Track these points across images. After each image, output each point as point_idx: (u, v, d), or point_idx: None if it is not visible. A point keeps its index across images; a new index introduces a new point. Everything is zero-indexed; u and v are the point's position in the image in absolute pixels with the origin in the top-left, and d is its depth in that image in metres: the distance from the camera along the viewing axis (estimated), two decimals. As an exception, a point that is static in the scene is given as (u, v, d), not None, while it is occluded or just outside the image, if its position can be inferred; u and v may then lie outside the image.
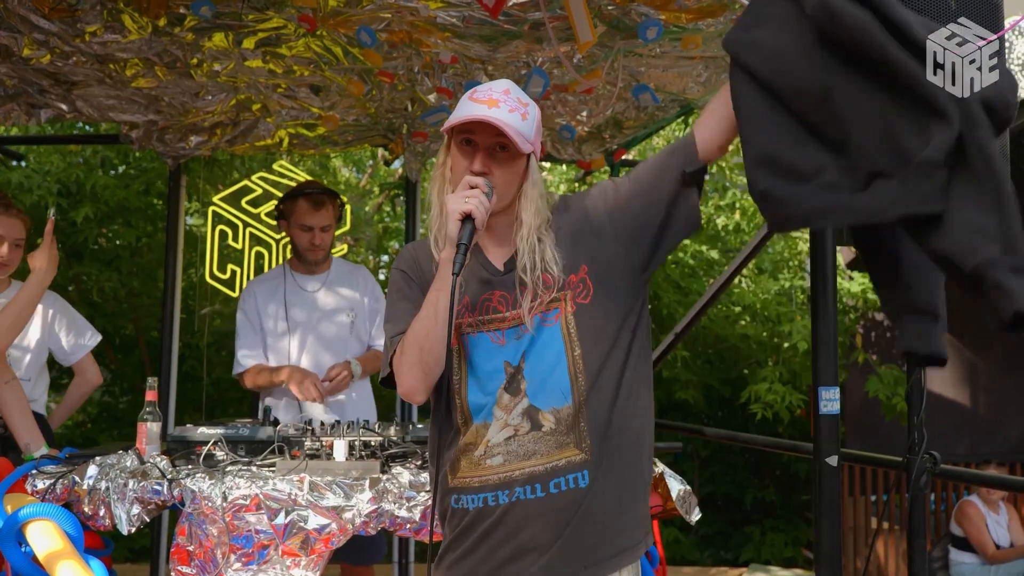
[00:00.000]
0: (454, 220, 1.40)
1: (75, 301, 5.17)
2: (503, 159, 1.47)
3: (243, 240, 4.00)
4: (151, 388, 2.19)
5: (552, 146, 3.98)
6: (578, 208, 1.56)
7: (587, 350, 1.46)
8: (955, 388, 5.98)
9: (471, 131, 1.46)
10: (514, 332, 1.48)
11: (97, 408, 6.26)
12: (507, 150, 1.47)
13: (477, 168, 1.46)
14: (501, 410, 1.46)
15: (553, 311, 1.48)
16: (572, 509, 1.43)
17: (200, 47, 2.96)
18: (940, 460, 2.05)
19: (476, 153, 1.47)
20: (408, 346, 1.45)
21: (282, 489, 1.98)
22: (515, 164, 1.49)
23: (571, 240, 1.52)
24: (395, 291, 1.58)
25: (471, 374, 1.49)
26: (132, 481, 1.99)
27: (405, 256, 1.61)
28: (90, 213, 4.80)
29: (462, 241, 1.39)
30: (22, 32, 2.80)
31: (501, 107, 1.45)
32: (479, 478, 1.47)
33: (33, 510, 1.68)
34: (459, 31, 2.82)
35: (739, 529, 6.29)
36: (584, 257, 1.50)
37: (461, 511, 1.50)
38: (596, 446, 1.45)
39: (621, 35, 2.81)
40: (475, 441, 1.48)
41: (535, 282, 1.47)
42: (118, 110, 3.45)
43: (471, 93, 1.49)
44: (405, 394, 1.47)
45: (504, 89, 1.49)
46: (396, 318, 1.53)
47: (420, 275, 1.56)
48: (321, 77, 3.23)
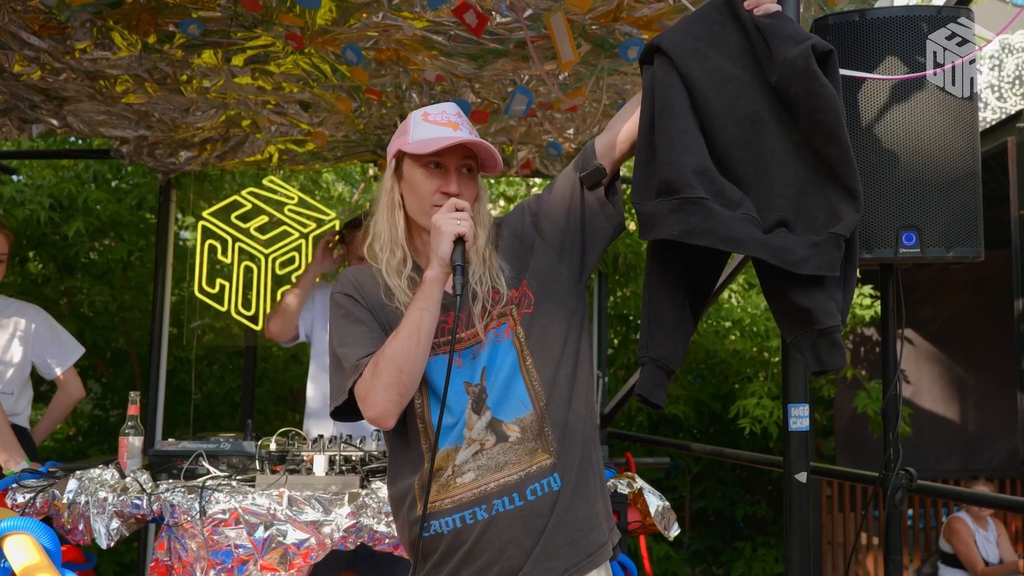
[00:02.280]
0: (448, 241, 1.40)
1: (66, 315, 5.20)
2: (467, 180, 1.51)
3: (232, 255, 4.02)
4: (133, 402, 2.20)
5: (540, 163, 4.02)
6: (508, 226, 1.59)
7: (538, 358, 1.48)
8: (945, 404, 5.99)
9: (440, 153, 1.48)
10: (470, 352, 1.49)
11: (88, 421, 6.24)
12: (471, 171, 1.51)
13: (454, 190, 1.48)
14: (468, 430, 1.46)
15: (503, 326, 1.50)
16: (548, 514, 1.43)
17: (189, 64, 2.99)
18: (916, 476, 2.06)
19: (447, 175, 1.49)
20: (384, 367, 1.39)
21: (261, 504, 1.99)
22: (475, 184, 1.54)
23: (509, 256, 1.54)
24: (342, 315, 1.52)
25: (432, 396, 1.48)
26: (112, 495, 2.00)
27: (345, 281, 1.56)
28: (82, 227, 4.81)
29: (458, 263, 1.40)
30: (13, 48, 2.82)
31: (462, 129, 1.50)
32: (451, 499, 1.44)
33: (10, 524, 1.68)
34: (446, 49, 2.85)
35: (730, 545, 6.27)
36: (523, 271, 1.53)
37: (435, 537, 1.46)
38: (560, 448, 1.46)
39: (605, 54, 2.85)
40: (444, 465, 1.46)
41: (485, 296, 1.48)
42: (109, 125, 3.48)
43: (423, 116, 1.51)
44: (374, 418, 1.43)
45: (456, 112, 1.54)
46: (353, 342, 1.47)
47: (366, 299, 1.53)
48: (310, 94, 3.26)
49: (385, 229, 1.53)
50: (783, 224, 1.37)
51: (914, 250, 1.91)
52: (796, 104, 1.35)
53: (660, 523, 2.17)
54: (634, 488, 2.20)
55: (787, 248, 1.34)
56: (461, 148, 1.48)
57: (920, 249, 1.91)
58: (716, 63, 1.41)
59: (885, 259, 1.94)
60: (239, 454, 2.21)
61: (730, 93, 1.39)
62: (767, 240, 1.35)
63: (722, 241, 1.35)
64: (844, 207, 1.34)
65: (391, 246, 1.52)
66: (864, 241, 1.93)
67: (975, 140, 1.95)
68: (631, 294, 5.36)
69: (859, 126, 1.92)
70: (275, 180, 4.10)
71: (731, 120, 1.40)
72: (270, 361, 5.75)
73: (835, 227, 1.34)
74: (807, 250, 1.34)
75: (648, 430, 6.14)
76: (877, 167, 1.90)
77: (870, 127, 1.92)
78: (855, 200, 1.35)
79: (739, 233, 1.34)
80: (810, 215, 1.36)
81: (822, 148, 1.35)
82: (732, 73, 1.40)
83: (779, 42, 1.36)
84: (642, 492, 2.18)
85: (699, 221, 1.35)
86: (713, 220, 1.34)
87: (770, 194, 1.37)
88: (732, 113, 1.40)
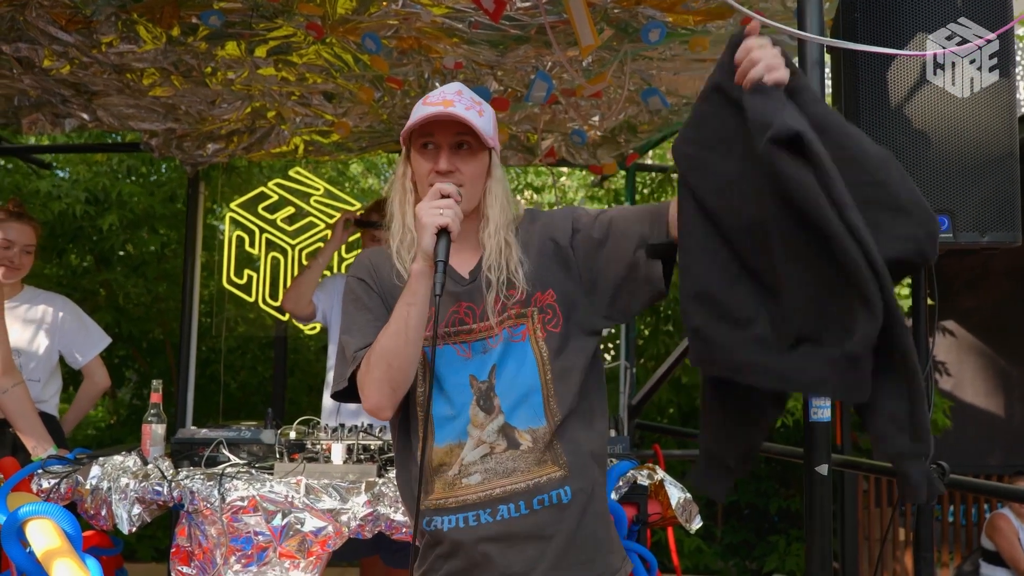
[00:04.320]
0: (430, 234, 1.34)
1: (103, 306, 5.31)
2: (466, 156, 1.44)
3: (259, 246, 4.06)
4: (156, 390, 2.23)
5: (566, 151, 3.97)
6: (546, 227, 1.52)
7: (559, 383, 1.43)
8: (988, 398, 5.82)
9: (430, 133, 1.42)
10: (480, 345, 1.45)
11: (127, 410, 6.38)
12: (468, 148, 1.44)
13: (443, 166, 1.41)
14: (476, 428, 1.43)
15: (520, 326, 1.45)
16: (555, 525, 1.40)
17: (214, 56, 3.01)
18: (948, 470, 1.99)
19: (439, 154, 1.43)
20: (375, 362, 1.37)
21: (279, 491, 1.99)
22: (478, 161, 1.45)
23: (538, 255, 1.48)
24: (352, 301, 1.50)
25: (436, 387, 1.44)
26: (133, 482, 2.02)
27: (361, 264, 1.53)
28: (116, 220, 4.90)
29: (440, 258, 1.33)
30: (42, 44, 2.87)
31: (457, 105, 1.42)
32: (455, 498, 1.42)
33: (32, 508, 1.71)
34: (467, 37, 2.83)
35: (763, 539, 6.18)
36: (552, 281, 1.47)
37: (436, 532, 1.43)
38: (572, 464, 1.42)
39: (629, 38, 2.80)
40: (448, 461, 1.43)
41: (500, 285, 1.43)
42: (137, 119, 3.53)
43: (423, 100, 1.46)
44: (370, 410, 1.41)
45: (456, 90, 1.46)
46: (356, 331, 1.45)
47: (380, 284, 1.50)
48: (333, 84, 3.26)
49: (397, 215, 1.50)
50: (806, 339, 1.20)
51: (946, 235, 1.83)
52: (786, 195, 1.18)
53: (681, 515, 2.13)
54: (655, 480, 2.16)
55: (801, 369, 1.19)
56: (453, 124, 1.41)
57: (953, 234, 1.83)
58: (716, 167, 1.29)
59: (915, 244, 1.87)
60: (259, 442, 2.23)
61: (734, 199, 1.27)
62: (775, 363, 1.20)
63: (724, 369, 1.26)
64: (857, 317, 1.13)
65: (401, 232, 1.49)
66: (893, 226, 1.86)
67: (1012, 119, 1.86)
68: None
69: (887, 106, 1.85)
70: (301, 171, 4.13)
71: (740, 228, 1.27)
72: (301, 352, 5.81)
73: (847, 344, 1.14)
74: (825, 369, 1.17)
75: (680, 422, 6.07)
76: (907, 148, 1.83)
77: (899, 107, 1.85)
78: (867, 308, 1.12)
79: (741, 359, 1.22)
80: (830, 325, 1.18)
81: (822, 241, 1.15)
82: (732, 175, 1.27)
83: (755, 132, 1.19)
84: (663, 484, 2.14)
85: (700, 349, 1.27)
86: (712, 348, 1.24)
87: (786, 306, 1.22)
88: (739, 221, 1.27)
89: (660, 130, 3.87)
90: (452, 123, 1.41)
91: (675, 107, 3.49)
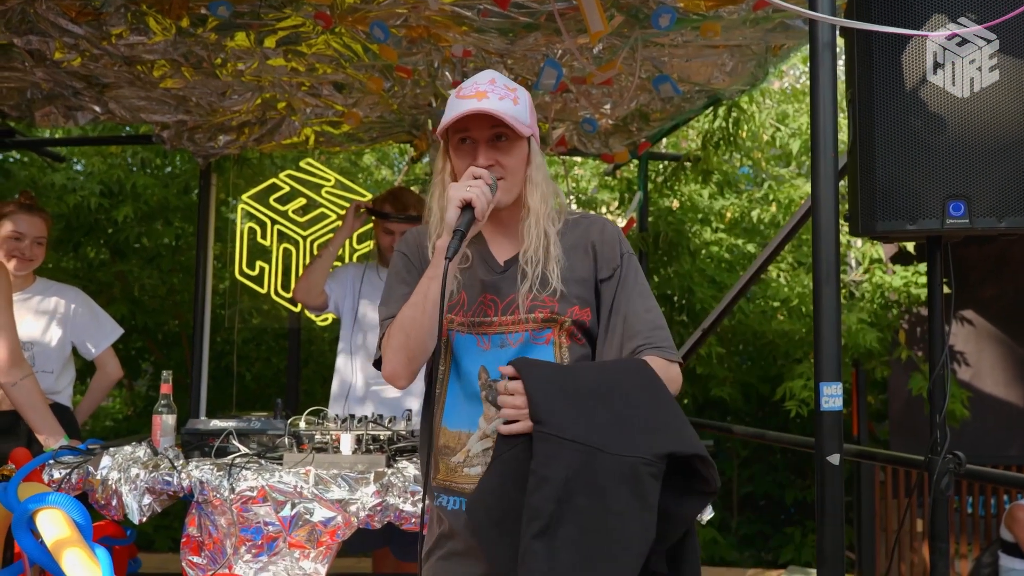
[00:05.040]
0: (454, 207, 1.37)
1: (119, 298, 5.35)
2: (504, 148, 1.45)
3: (271, 237, 4.07)
4: (165, 381, 2.24)
5: (577, 140, 3.94)
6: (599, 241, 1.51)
7: None
8: (1007, 388, 5.73)
9: (466, 128, 1.44)
10: (499, 339, 1.46)
11: (143, 402, 6.43)
12: (506, 139, 1.45)
13: (482, 162, 1.43)
14: (485, 420, 1.45)
15: (546, 330, 1.45)
16: None
17: (223, 47, 3.01)
18: (965, 460, 1.96)
19: (476, 149, 1.44)
20: (395, 331, 1.44)
21: (288, 481, 1.99)
22: (517, 151, 1.46)
23: (576, 257, 1.48)
24: (394, 273, 1.58)
25: (454, 370, 1.48)
26: (143, 472, 2.03)
27: (409, 240, 1.60)
28: (131, 212, 4.93)
29: (459, 228, 1.36)
30: (52, 36, 2.88)
31: (490, 97, 1.42)
32: (456, 484, 1.47)
33: (42, 499, 1.72)
34: (476, 25, 2.80)
35: (779, 530, 6.14)
36: (587, 302, 1.47)
37: (439, 509, 1.50)
38: None
39: (640, 24, 2.76)
40: (454, 446, 1.46)
41: (534, 279, 1.43)
42: (148, 111, 3.54)
43: (457, 92, 1.47)
44: (387, 376, 1.47)
45: (489, 79, 1.46)
46: (390, 301, 1.53)
47: (421, 261, 1.53)
48: (343, 74, 3.25)
49: (435, 208, 1.51)
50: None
51: (962, 221, 1.80)
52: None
53: (693, 506, 2.11)
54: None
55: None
56: (488, 118, 1.42)
57: (969, 220, 1.79)
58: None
59: (931, 231, 1.83)
60: (269, 433, 2.23)
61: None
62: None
63: None
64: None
65: (439, 226, 1.49)
66: (909, 212, 1.82)
67: (1031, 102, 1.82)
68: (673, 274, 5.24)
69: (902, 89, 1.81)
70: (312, 162, 4.12)
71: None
72: (315, 343, 5.82)
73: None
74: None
75: (695, 412, 6.03)
76: (922, 132, 1.80)
77: (915, 89, 1.81)
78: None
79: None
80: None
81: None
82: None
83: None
84: (674, 474, 2.12)
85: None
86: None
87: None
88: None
89: (672, 118, 3.82)
90: (487, 117, 1.41)
91: (687, 94, 3.45)
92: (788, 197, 5.22)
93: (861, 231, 1.89)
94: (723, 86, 3.37)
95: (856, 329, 4.68)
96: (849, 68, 1.92)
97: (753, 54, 3.14)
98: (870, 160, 1.83)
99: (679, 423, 1.30)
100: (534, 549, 1.23)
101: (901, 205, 1.81)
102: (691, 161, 4.59)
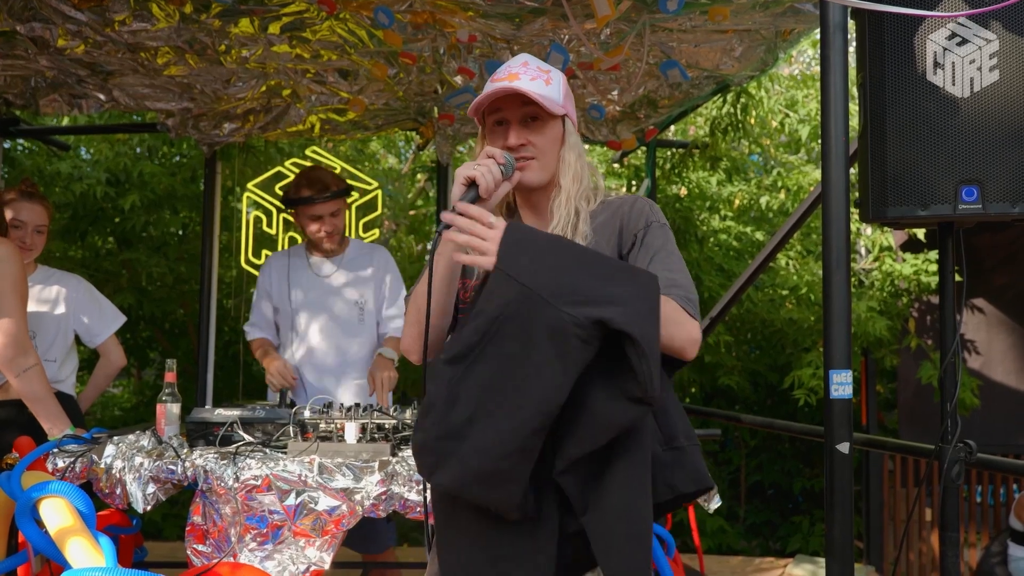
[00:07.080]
0: (459, 184, 1.39)
1: (126, 287, 5.35)
2: (536, 128, 1.46)
3: (277, 226, 4.05)
4: (170, 370, 2.23)
5: (585, 127, 3.91)
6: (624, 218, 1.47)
7: None
8: (1018, 376, 5.69)
9: (499, 109, 1.46)
10: None
11: (151, 391, 6.46)
12: (538, 119, 1.46)
13: (512, 141, 1.45)
14: None
15: None
16: None
17: (227, 33, 2.98)
18: (976, 449, 1.93)
19: (508, 130, 1.46)
20: (410, 304, 1.51)
21: (292, 470, 1.98)
22: (551, 131, 1.47)
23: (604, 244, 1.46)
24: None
25: None
26: (147, 461, 2.03)
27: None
28: (137, 201, 4.92)
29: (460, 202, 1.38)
30: (56, 23, 2.86)
31: (522, 78, 1.44)
32: None
33: (46, 487, 1.71)
34: (482, 10, 2.77)
35: (787, 519, 6.13)
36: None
37: (438, 493, 1.48)
38: None
39: (647, 9, 2.72)
40: None
41: None
42: (153, 99, 3.52)
43: (492, 77, 1.49)
44: (404, 350, 1.53)
45: (522, 62, 1.49)
46: (420, 279, 1.57)
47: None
48: (348, 61, 3.22)
49: None
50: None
51: (975, 206, 1.76)
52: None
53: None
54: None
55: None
56: (519, 98, 1.43)
57: (982, 205, 1.76)
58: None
59: (943, 216, 1.80)
60: (273, 421, 2.22)
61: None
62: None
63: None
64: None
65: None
66: (920, 197, 1.79)
67: (1047, 85, 1.78)
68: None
69: (915, 71, 1.78)
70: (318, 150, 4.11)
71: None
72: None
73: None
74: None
75: (703, 402, 6.01)
76: (934, 115, 1.76)
77: (926, 72, 1.77)
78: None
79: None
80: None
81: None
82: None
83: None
84: (681, 463, 2.10)
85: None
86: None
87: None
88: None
89: (680, 104, 3.78)
90: (518, 97, 1.43)
91: (695, 80, 3.41)
92: (797, 184, 5.18)
93: (872, 217, 1.86)
94: (732, 71, 3.33)
95: (866, 317, 4.64)
96: (860, 51, 1.89)
97: (762, 39, 3.10)
98: (881, 144, 1.80)
99: (645, 310, 1.20)
100: (440, 371, 1.22)
101: (913, 190, 1.78)
102: (699, 148, 4.55)
